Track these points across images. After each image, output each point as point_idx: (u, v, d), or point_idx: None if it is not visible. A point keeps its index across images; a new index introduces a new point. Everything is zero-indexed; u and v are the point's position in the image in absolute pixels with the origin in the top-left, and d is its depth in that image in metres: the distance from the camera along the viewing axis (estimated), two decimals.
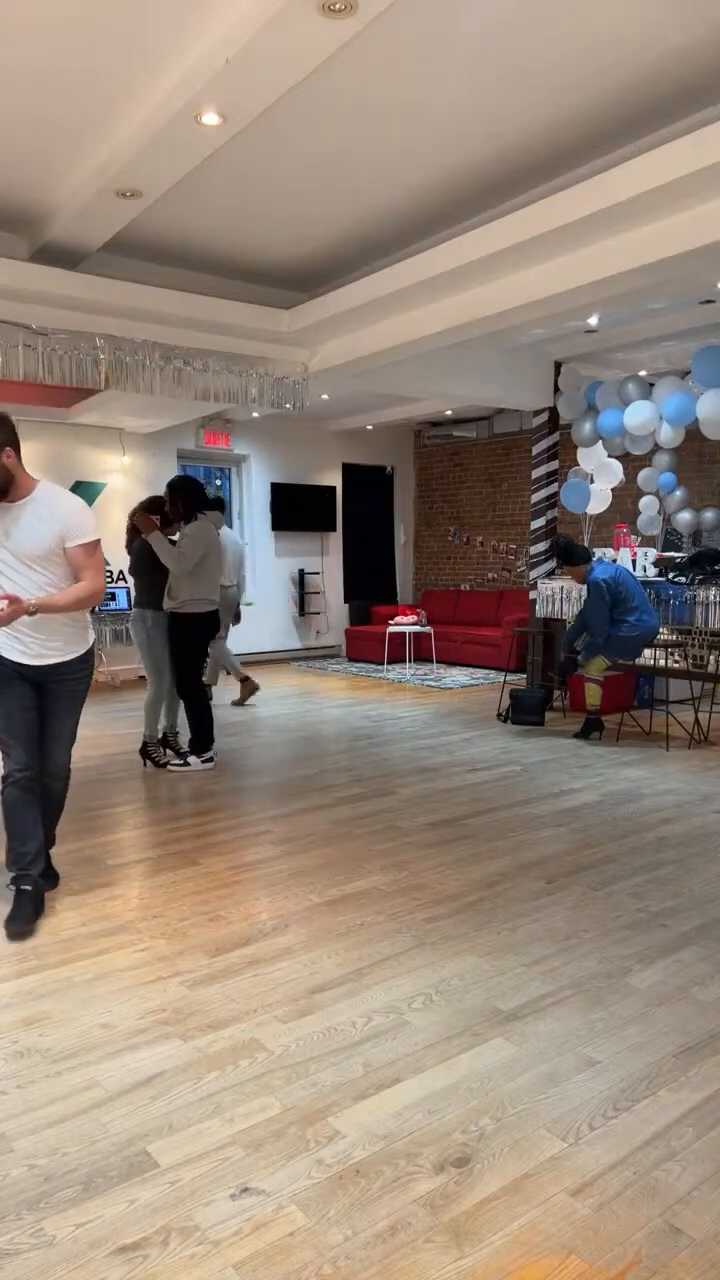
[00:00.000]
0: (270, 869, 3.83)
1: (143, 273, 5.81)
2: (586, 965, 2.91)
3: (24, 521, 3.13)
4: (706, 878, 3.67)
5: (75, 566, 3.20)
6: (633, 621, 6.07)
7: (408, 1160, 1.98)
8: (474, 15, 3.23)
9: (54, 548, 3.15)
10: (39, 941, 3.13)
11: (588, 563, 6.20)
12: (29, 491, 3.15)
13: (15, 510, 3.13)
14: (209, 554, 5.44)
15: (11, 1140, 2.07)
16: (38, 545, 3.13)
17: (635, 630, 6.06)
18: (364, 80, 3.66)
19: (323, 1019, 2.59)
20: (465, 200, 4.92)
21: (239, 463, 10.86)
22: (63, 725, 3.39)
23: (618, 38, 3.40)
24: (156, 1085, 2.28)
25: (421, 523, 12.25)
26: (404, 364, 6.97)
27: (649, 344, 7.41)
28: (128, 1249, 1.75)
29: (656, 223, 4.42)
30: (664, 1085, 2.25)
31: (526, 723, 6.83)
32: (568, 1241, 1.75)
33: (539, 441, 7.99)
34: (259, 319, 6.20)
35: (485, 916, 3.30)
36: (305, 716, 7.45)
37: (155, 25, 3.27)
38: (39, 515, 3.13)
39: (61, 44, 3.39)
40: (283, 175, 4.56)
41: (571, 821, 4.44)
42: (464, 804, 4.77)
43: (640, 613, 6.08)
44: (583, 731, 6.38)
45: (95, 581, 3.20)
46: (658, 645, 6.38)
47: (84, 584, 3.19)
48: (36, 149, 4.26)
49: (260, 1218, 1.82)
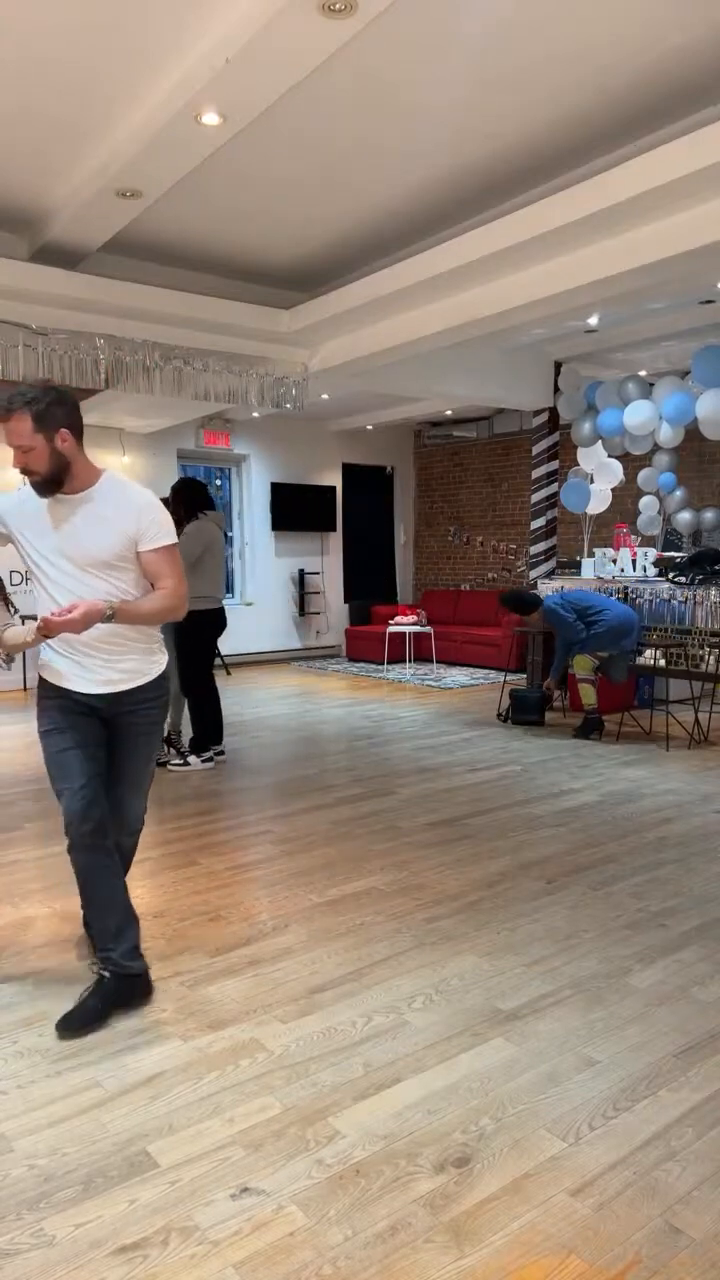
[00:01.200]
0: (270, 869, 3.83)
1: (143, 273, 5.82)
2: (586, 965, 2.91)
3: (84, 520, 2.57)
4: (706, 878, 3.67)
5: (152, 574, 2.62)
6: (601, 620, 6.22)
7: (408, 1160, 1.98)
8: (474, 15, 3.23)
9: (122, 551, 2.58)
10: (38, 941, 3.13)
11: (540, 604, 6.49)
12: (91, 484, 2.60)
13: (74, 505, 2.58)
14: (210, 552, 5.46)
15: (11, 1140, 2.07)
16: (102, 548, 2.56)
17: (605, 625, 6.20)
18: (364, 80, 3.66)
19: (323, 1019, 2.59)
20: (465, 200, 4.92)
21: (239, 463, 10.86)
22: (140, 769, 2.78)
23: (618, 38, 3.40)
24: (156, 1085, 2.28)
25: (421, 523, 12.25)
26: (404, 364, 6.98)
27: (649, 344, 7.42)
28: (128, 1249, 1.74)
29: (656, 223, 4.42)
30: (664, 1085, 2.25)
31: (527, 722, 6.83)
32: (568, 1241, 1.75)
33: (539, 441, 7.99)
34: (259, 319, 6.20)
35: (485, 916, 3.30)
36: (305, 716, 7.45)
37: (155, 25, 3.27)
38: (102, 514, 2.57)
39: (62, 44, 3.39)
40: (283, 175, 4.56)
41: (571, 821, 4.44)
42: (464, 804, 4.77)
43: (605, 612, 6.23)
44: (582, 730, 6.39)
45: (180, 589, 2.63)
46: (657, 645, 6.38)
47: (166, 591, 2.60)
48: (37, 149, 4.26)
49: (260, 1218, 1.82)
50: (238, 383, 6.58)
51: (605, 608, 6.22)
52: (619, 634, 6.18)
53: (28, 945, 3.11)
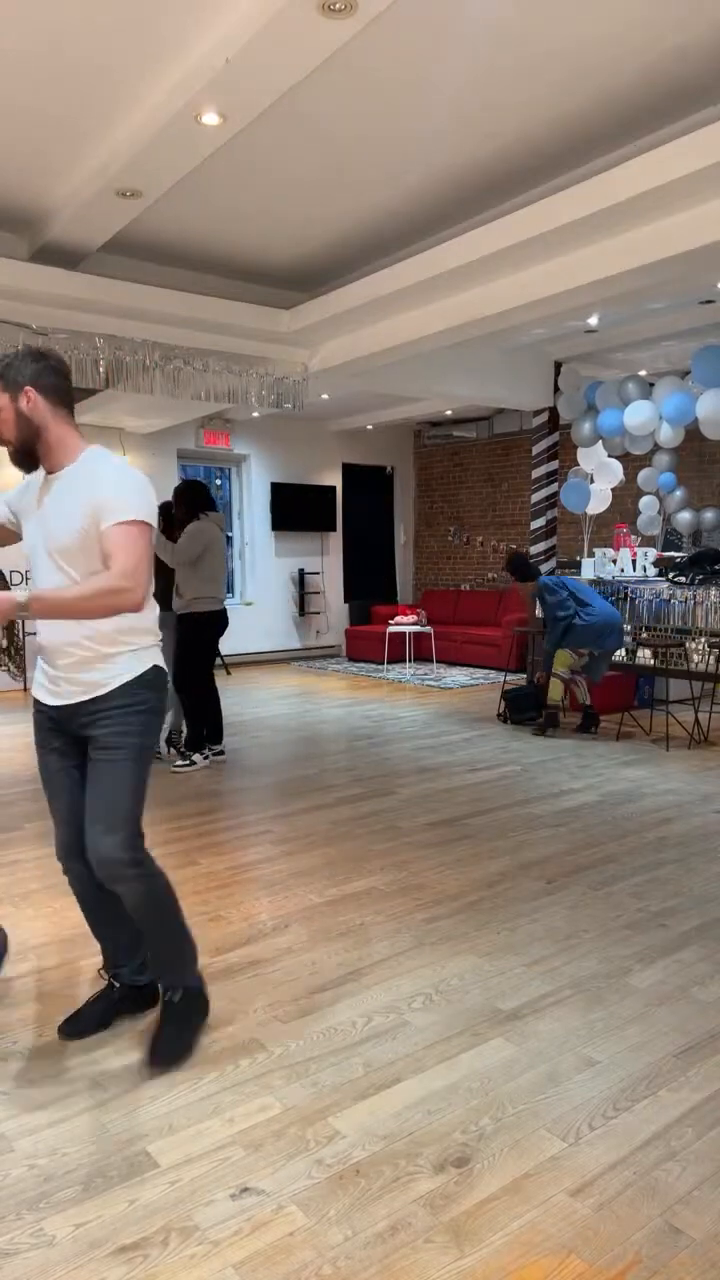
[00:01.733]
0: (270, 869, 3.83)
1: (143, 273, 5.82)
2: (586, 965, 2.91)
3: (55, 499, 2.25)
4: (706, 878, 3.67)
5: (104, 555, 2.18)
6: (588, 614, 6.22)
7: (408, 1160, 1.98)
8: (473, 16, 3.23)
9: (85, 529, 2.18)
10: (38, 941, 3.13)
11: (537, 576, 6.63)
12: (73, 459, 2.27)
13: (51, 484, 2.29)
14: (210, 552, 5.47)
15: (11, 1140, 2.07)
16: (65, 529, 2.21)
17: (588, 619, 6.20)
18: (364, 80, 3.66)
19: (323, 1019, 2.59)
20: (465, 200, 4.92)
21: (239, 463, 10.86)
22: (98, 796, 2.28)
23: (618, 37, 3.40)
24: (156, 1085, 2.28)
25: (421, 523, 12.25)
26: (404, 364, 6.98)
27: (649, 344, 7.42)
28: (128, 1249, 1.74)
29: (656, 223, 4.42)
30: (664, 1085, 2.25)
31: (525, 720, 6.83)
32: (568, 1241, 1.75)
33: (539, 441, 7.99)
34: (259, 319, 6.20)
35: (485, 916, 3.30)
36: (305, 716, 7.45)
37: (155, 25, 3.27)
38: (72, 488, 2.23)
39: (62, 43, 3.39)
40: (282, 175, 4.56)
41: (571, 821, 4.44)
42: (464, 804, 4.77)
43: (592, 608, 6.24)
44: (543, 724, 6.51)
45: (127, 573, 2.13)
46: (656, 645, 6.38)
47: (102, 575, 2.15)
48: (37, 149, 4.26)
49: (260, 1218, 1.82)
50: (238, 383, 6.57)
51: (594, 604, 6.26)
52: (601, 632, 6.20)
53: (28, 945, 3.10)
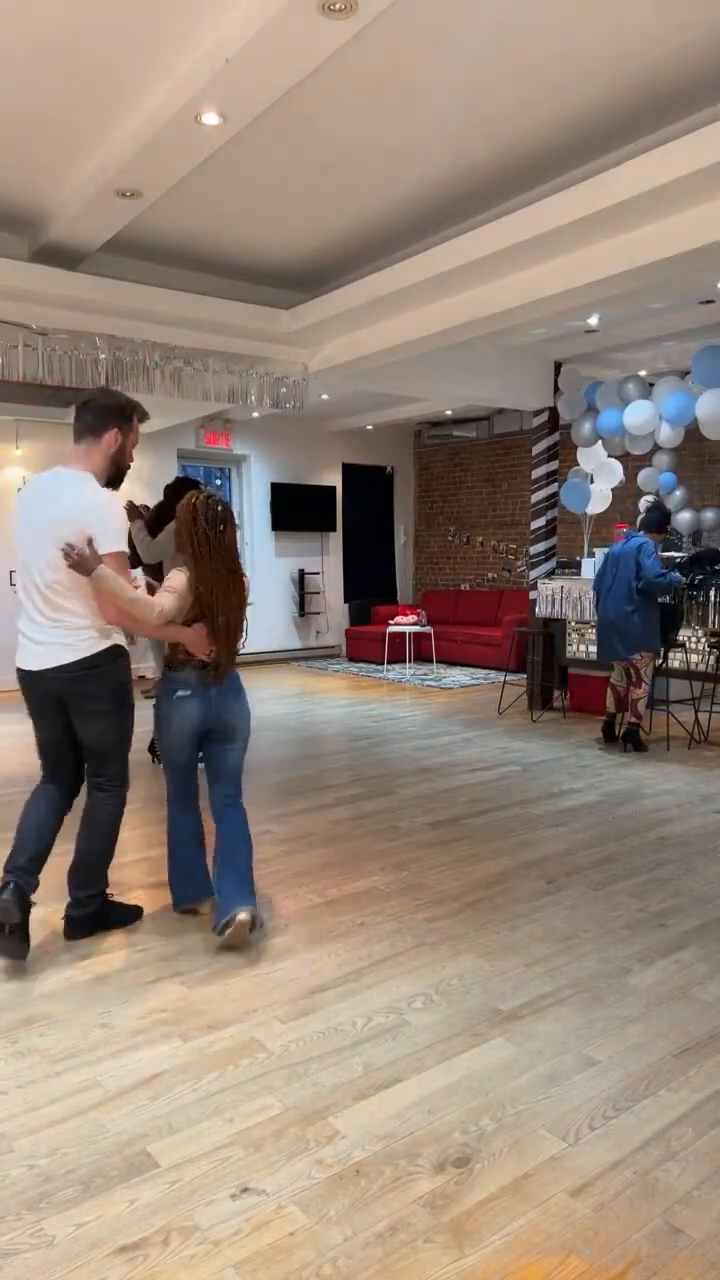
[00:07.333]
0: (270, 869, 3.82)
1: (143, 273, 5.81)
2: (586, 965, 2.91)
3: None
4: (706, 878, 3.67)
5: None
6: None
7: (408, 1160, 1.98)
8: (474, 16, 3.23)
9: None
10: (38, 941, 3.13)
11: (666, 526, 6.15)
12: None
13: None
14: None
15: (11, 1140, 2.07)
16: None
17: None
18: (364, 80, 3.66)
19: (323, 1019, 2.59)
20: (465, 200, 4.92)
21: (239, 463, 10.86)
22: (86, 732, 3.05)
23: (618, 37, 3.40)
24: (156, 1085, 2.28)
25: (421, 523, 12.25)
26: (404, 364, 6.97)
27: (649, 344, 7.41)
28: (128, 1249, 1.74)
29: (656, 223, 4.42)
30: (664, 1085, 2.25)
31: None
32: (568, 1242, 1.75)
33: (539, 441, 7.99)
34: (259, 319, 6.20)
35: (485, 916, 3.30)
36: (305, 716, 7.44)
37: (155, 26, 3.27)
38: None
39: (62, 44, 3.39)
40: (283, 175, 4.56)
41: (571, 821, 4.44)
42: (464, 804, 4.77)
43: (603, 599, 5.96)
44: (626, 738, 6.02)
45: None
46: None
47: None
48: (37, 149, 4.26)
49: (260, 1218, 1.82)
50: (238, 383, 6.57)
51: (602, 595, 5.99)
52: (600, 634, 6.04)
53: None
